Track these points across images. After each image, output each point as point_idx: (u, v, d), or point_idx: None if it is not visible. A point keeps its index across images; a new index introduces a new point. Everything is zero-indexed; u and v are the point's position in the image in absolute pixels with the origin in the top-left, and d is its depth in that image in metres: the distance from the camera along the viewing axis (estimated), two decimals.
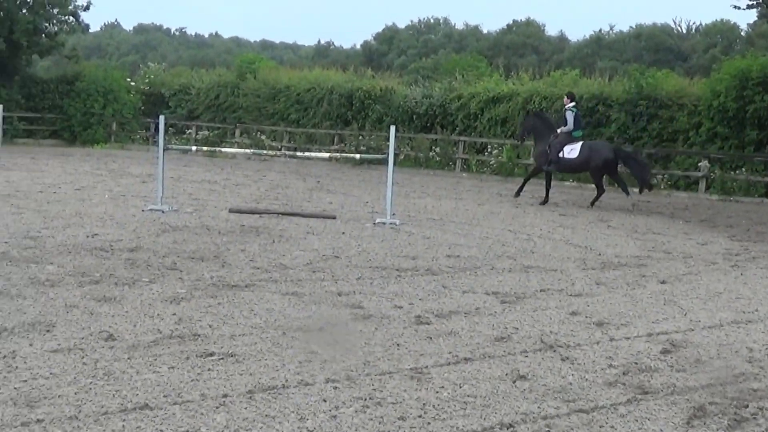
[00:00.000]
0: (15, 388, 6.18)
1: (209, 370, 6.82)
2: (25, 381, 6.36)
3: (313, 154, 22.01)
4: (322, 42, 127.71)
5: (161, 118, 17.99)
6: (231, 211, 17.06)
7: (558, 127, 22.64)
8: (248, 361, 7.09)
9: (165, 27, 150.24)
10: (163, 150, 17.51)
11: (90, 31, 47.91)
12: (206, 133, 39.27)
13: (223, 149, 28.73)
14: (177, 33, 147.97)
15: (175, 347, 7.39)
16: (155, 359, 7.02)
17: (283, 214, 16.99)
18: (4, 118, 30.15)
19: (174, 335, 7.75)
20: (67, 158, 31.51)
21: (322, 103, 36.96)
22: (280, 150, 32.69)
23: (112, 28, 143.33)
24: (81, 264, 10.98)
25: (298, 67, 46.00)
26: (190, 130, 40.03)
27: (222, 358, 7.13)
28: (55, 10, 40.85)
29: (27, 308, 8.50)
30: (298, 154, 22.60)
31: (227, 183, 24.04)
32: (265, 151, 24.64)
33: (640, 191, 22.77)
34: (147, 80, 43.72)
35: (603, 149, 22.57)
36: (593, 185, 23.45)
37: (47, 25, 40.95)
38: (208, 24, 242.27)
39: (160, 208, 16.73)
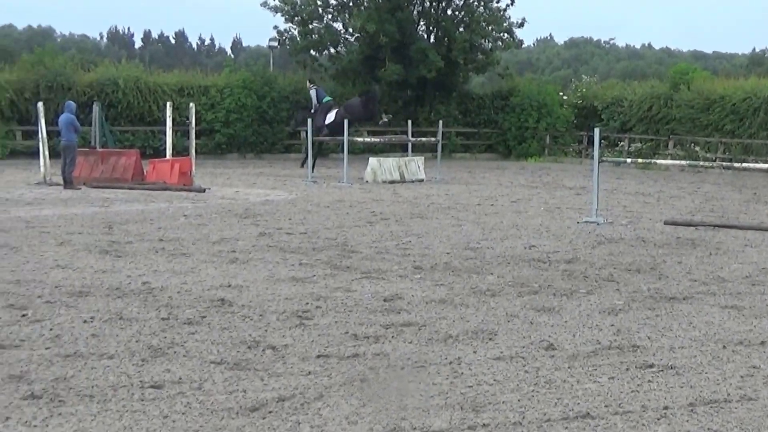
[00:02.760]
0: (461, 393, 6.48)
1: (649, 381, 6.83)
2: (470, 386, 6.65)
3: (751, 165, 21.24)
4: (757, 50, 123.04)
5: (596, 130, 18.05)
6: (666, 223, 16.89)
7: (311, 108, 30.66)
8: (688, 374, 7.03)
9: (595, 39, 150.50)
10: (598, 162, 17.61)
11: (523, 46, 48.65)
12: (639, 145, 38.98)
13: (657, 161, 28.40)
14: (607, 45, 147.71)
15: (615, 358, 7.45)
16: (595, 369, 7.12)
17: (719, 226, 16.59)
18: (443, 133, 31.47)
19: (613, 346, 7.82)
20: (503, 171, 32.41)
21: (759, 113, 35.63)
22: (715, 161, 31.85)
23: (545, 42, 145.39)
24: (519, 274, 11.30)
25: (732, 77, 44.57)
26: (622, 143, 39.90)
27: (662, 370, 7.11)
28: (491, 28, 41.98)
29: (470, 317, 8.88)
30: (735, 165, 21.88)
31: (661, 195, 23.79)
32: (700, 163, 24.06)
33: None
34: (579, 93, 44.05)
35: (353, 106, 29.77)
36: None
37: (483, 42, 42.23)
38: (638, 35, 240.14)
39: (595, 220, 16.85)
